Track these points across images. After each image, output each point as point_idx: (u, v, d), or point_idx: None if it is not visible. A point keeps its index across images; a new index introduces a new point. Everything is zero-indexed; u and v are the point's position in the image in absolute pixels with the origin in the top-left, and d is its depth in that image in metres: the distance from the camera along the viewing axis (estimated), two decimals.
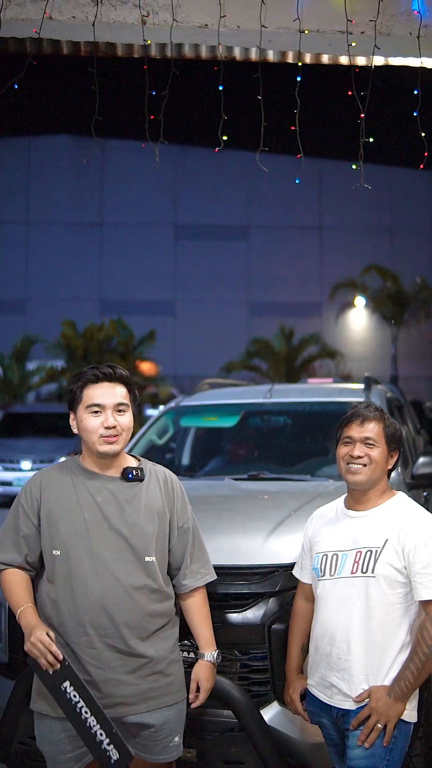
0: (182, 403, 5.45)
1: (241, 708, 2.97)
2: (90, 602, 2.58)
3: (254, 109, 3.86)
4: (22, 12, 3.66)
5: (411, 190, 26.28)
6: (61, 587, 2.61)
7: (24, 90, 3.92)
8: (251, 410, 5.42)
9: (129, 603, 2.60)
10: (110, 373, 2.69)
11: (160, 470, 2.83)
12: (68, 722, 2.54)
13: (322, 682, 2.69)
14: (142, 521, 2.66)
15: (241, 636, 3.10)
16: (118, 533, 2.62)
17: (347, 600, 2.63)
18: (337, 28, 3.70)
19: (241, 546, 3.31)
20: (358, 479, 2.68)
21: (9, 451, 14.78)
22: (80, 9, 3.70)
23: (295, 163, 4.02)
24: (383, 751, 2.53)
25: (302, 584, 2.91)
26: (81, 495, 2.65)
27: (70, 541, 2.61)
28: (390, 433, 2.73)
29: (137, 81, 3.88)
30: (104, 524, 2.62)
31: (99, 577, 2.59)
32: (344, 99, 3.96)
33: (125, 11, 3.69)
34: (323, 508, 2.92)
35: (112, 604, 2.58)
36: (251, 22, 3.65)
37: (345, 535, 2.71)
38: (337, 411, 5.16)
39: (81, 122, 10.73)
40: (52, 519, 2.64)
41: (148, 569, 2.66)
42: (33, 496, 2.69)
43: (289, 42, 3.76)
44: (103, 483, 2.67)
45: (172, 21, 3.65)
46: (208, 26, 3.71)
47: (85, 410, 2.66)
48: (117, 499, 2.65)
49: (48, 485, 2.70)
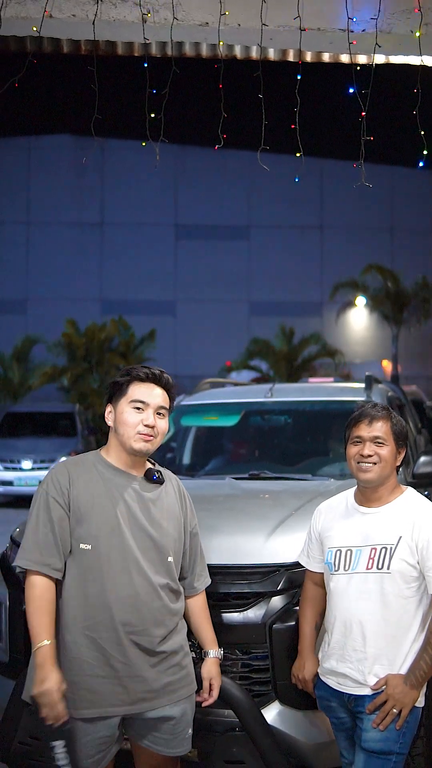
0: (183, 403, 5.44)
1: (243, 708, 2.97)
2: (121, 599, 2.57)
3: (255, 108, 3.85)
4: (23, 10, 3.65)
5: (412, 189, 26.27)
6: (91, 583, 2.57)
7: (24, 89, 3.92)
8: (252, 409, 5.41)
9: (157, 601, 2.63)
10: (159, 375, 2.73)
11: (171, 475, 2.87)
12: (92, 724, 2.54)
13: (332, 672, 2.77)
14: (166, 522, 2.69)
15: (242, 635, 3.09)
16: (145, 532, 2.63)
17: (363, 594, 2.70)
18: (338, 27, 3.69)
19: (243, 545, 3.30)
20: (369, 477, 2.74)
21: (10, 451, 14.79)
22: (80, 7, 3.69)
23: (296, 162, 4.01)
24: (397, 735, 2.63)
25: (309, 572, 2.98)
26: (110, 490, 2.64)
27: (102, 537, 2.58)
28: (397, 431, 2.80)
29: (137, 80, 3.87)
30: (134, 522, 2.62)
31: (131, 574, 2.59)
32: (344, 97, 3.95)
33: (125, 9, 3.68)
34: (331, 501, 2.97)
35: (142, 601, 2.59)
36: (252, 20, 3.65)
37: (357, 530, 2.77)
38: (339, 410, 5.18)
39: (81, 122, 10.72)
40: (83, 512, 2.59)
41: (169, 568, 2.69)
42: (62, 486, 2.60)
43: (290, 40, 3.75)
44: (128, 481, 2.67)
45: (172, 19, 3.64)
46: (209, 24, 3.70)
47: (128, 404, 2.66)
48: (142, 498, 2.66)
49: (76, 477, 2.64)
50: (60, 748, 2.44)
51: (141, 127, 3.76)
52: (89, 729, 2.56)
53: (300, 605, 3.01)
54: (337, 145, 17.60)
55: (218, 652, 2.90)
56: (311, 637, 2.94)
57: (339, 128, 10.53)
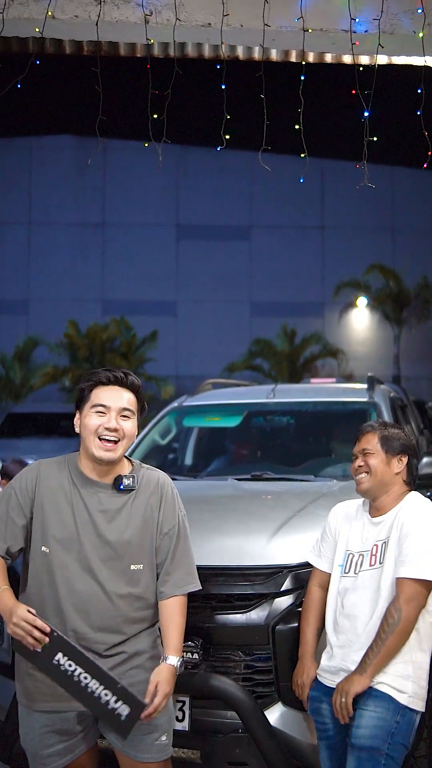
0: (185, 403, 5.43)
1: (246, 709, 2.97)
2: (73, 605, 2.58)
3: (256, 109, 3.84)
4: (25, 11, 3.64)
5: (414, 189, 26.23)
6: (48, 586, 2.60)
7: (26, 90, 3.91)
8: (254, 410, 5.41)
9: (111, 610, 2.61)
10: (122, 378, 2.68)
11: (153, 475, 2.77)
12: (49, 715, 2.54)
13: (331, 670, 2.79)
14: (130, 531, 2.65)
15: (245, 637, 3.09)
16: (106, 542, 2.62)
17: (366, 592, 2.77)
18: (341, 27, 3.69)
19: (245, 546, 3.29)
20: (362, 488, 2.88)
21: (12, 451, 14.75)
22: (83, 8, 3.68)
23: (297, 162, 4.01)
24: (386, 733, 2.62)
25: (317, 572, 3.00)
26: (74, 498, 2.64)
27: (60, 542, 2.60)
28: (385, 437, 2.90)
29: (140, 80, 3.87)
30: (92, 530, 2.61)
31: (84, 583, 2.59)
32: (346, 98, 3.95)
33: (128, 10, 3.68)
34: (347, 505, 3.03)
35: (94, 608, 2.59)
36: (254, 20, 3.64)
37: (368, 537, 2.86)
38: (341, 411, 5.18)
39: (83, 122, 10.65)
40: (45, 515, 2.62)
41: (133, 577, 2.65)
42: (28, 487, 2.64)
43: (293, 41, 3.74)
44: (95, 490, 2.65)
45: (175, 20, 3.64)
46: (211, 25, 3.69)
47: (91, 409, 2.65)
48: (105, 509, 2.64)
49: (44, 478, 2.66)
50: (63, 659, 2.41)
51: (143, 127, 3.76)
52: (46, 720, 2.60)
53: (304, 609, 3.00)
54: (338, 145, 17.56)
55: (177, 660, 2.63)
56: (313, 643, 2.95)
57: (340, 128, 10.52)
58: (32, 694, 2.61)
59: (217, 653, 3.10)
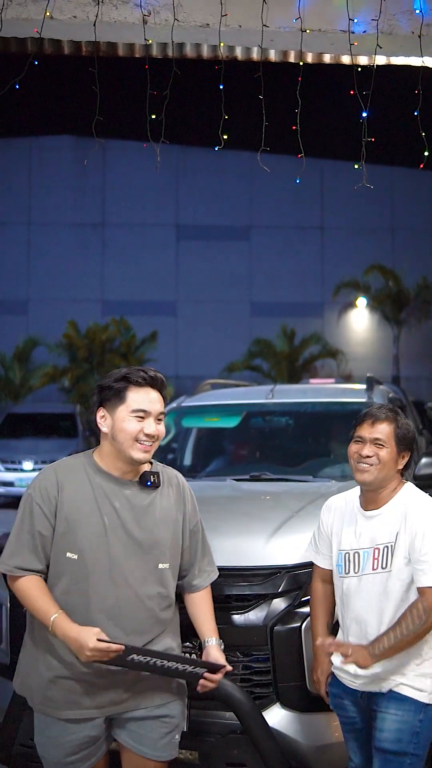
0: (184, 404, 5.43)
1: (244, 710, 2.95)
2: (104, 609, 2.53)
3: (255, 109, 3.84)
4: (23, 12, 3.64)
5: (412, 189, 26.25)
6: (75, 592, 2.53)
7: (25, 90, 3.91)
8: (253, 411, 5.41)
9: (142, 611, 2.58)
10: (155, 378, 2.64)
11: (171, 473, 2.79)
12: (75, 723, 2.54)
13: (346, 670, 2.75)
14: (158, 529, 2.63)
15: (243, 637, 3.09)
16: (135, 541, 2.58)
17: (372, 595, 2.70)
18: (339, 28, 3.69)
19: (244, 547, 3.29)
20: (365, 478, 2.74)
21: (11, 452, 14.80)
22: (81, 8, 3.68)
23: (296, 162, 4.01)
24: (410, 735, 2.61)
25: (318, 568, 2.95)
26: (99, 498, 2.57)
27: (88, 546, 2.53)
28: (401, 435, 2.77)
29: (138, 81, 3.87)
30: (122, 530, 2.56)
31: (115, 584, 2.54)
32: (345, 98, 3.95)
33: (126, 11, 3.67)
34: (338, 500, 2.94)
35: (125, 613, 2.55)
36: (253, 21, 3.64)
37: (364, 534, 2.77)
38: (340, 412, 5.17)
39: (83, 123, 10.60)
40: (71, 521, 2.54)
41: (161, 577, 2.63)
42: (50, 495, 2.55)
43: (291, 41, 3.74)
44: (120, 487, 2.60)
45: (173, 20, 3.63)
46: (210, 25, 3.69)
47: (130, 413, 2.58)
48: (133, 506, 2.59)
49: (65, 484, 2.57)
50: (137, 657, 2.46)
51: (142, 128, 3.76)
52: (72, 729, 2.55)
53: (311, 606, 2.98)
54: (337, 145, 17.57)
55: (219, 640, 2.76)
56: (324, 636, 2.89)
57: (339, 129, 10.52)
58: (57, 702, 2.54)
59: None
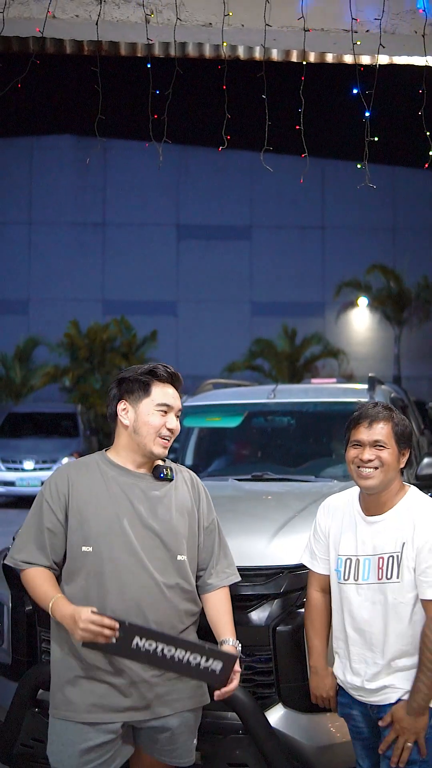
0: (186, 404, 5.42)
1: (246, 710, 2.94)
2: (124, 600, 2.52)
3: (257, 109, 3.84)
4: (26, 11, 3.63)
5: (414, 189, 26.25)
6: (92, 585, 2.53)
7: (26, 89, 3.90)
8: (255, 411, 5.40)
9: (163, 602, 2.57)
10: (175, 375, 2.70)
11: (184, 470, 2.82)
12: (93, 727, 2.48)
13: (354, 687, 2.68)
14: (174, 520, 2.63)
15: (245, 638, 3.05)
16: (152, 531, 2.58)
17: (376, 606, 2.61)
18: (342, 27, 3.68)
19: (246, 547, 3.27)
20: (370, 484, 2.59)
21: (12, 451, 14.81)
22: (84, 8, 3.67)
23: (298, 162, 4.00)
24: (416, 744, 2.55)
25: (315, 575, 2.83)
26: (113, 491, 2.59)
27: (103, 538, 2.53)
28: (400, 432, 2.64)
29: (140, 80, 3.87)
30: (138, 522, 2.57)
31: (134, 574, 2.54)
32: (346, 98, 3.94)
33: (129, 10, 3.67)
34: (336, 500, 2.83)
35: (146, 602, 2.54)
36: (255, 20, 3.63)
37: (365, 540, 2.65)
38: (342, 411, 5.16)
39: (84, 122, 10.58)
40: (84, 514, 2.55)
41: (180, 568, 2.63)
42: (60, 492, 2.58)
43: (294, 41, 3.73)
44: (135, 480, 2.62)
45: (176, 20, 3.63)
46: (212, 25, 3.68)
47: (155, 407, 2.62)
48: (148, 497, 2.61)
49: (77, 480, 2.60)
50: (141, 641, 2.39)
51: (143, 127, 3.75)
52: (90, 734, 2.50)
53: (307, 617, 2.88)
54: (338, 145, 17.57)
55: (236, 642, 2.69)
56: (324, 652, 2.82)
57: (340, 128, 10.51)
58: (76, 705, 2.50)
59: None
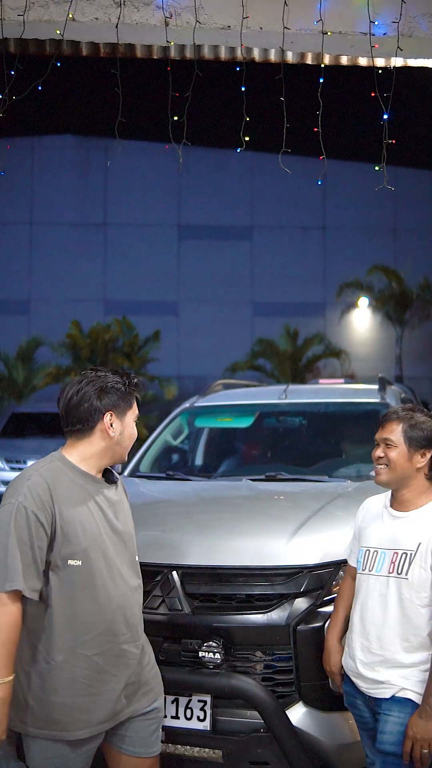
0: (197, 404, 5.44)
1: (267, 709, 2.98)
2: (111, 610, 2.54)
3: (261, 110, 3.85)
4: (45, 14, 3.65)
5: (416, 189, 26.24)
6: (81, 599, 2.47)
7: (34, 91, 3.91)
8: (266, 411, 5.41)
9: (135, 604, 2.64)
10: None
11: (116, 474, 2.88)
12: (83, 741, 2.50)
13: (352, 672, 2.77)
14: (130, 521, 2.72)
15: (265, 637, 3.10)
16: (119, 536, 2.62)
17: (382, 598, 2.70)
18: (360, 30, 3.69)
19: (265, 547, 3.30)
20: (380, 480, 2.77)
21: (15, 451, 14.80)
22: (103, 11, 3.68)
23: (300, 162, 4.01)
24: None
25: (350, 567, 2.98)
26: (87, 499, 2.54)
27: (90, 549, 2.49)
28: (412, 434, 2.73)
29: (153, 82, 3.88)
30: (110, 528, 2.59)
31: (116, 583, 2.56)
32: (355, 99, 3.96)
33: (148, 13, 3.68)
34: (373, 500, 2.97)
35: (126, 607, 2.59)
36: (274, 23, 3.65)
37: (387, 533, 2.77)
38: (353, 412, 5.19)
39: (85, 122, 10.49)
40: (67, 527, 2.45)
41: (137, 569, 2.71)
42: (45, 503, 2.42)
43: (312, 44, 3.75)
44: (98, 486, 2.61)
45: (195, 22, 3.64)
46: (231, 27, 3.70)
47: (134, 418, 2.69)
48: (112, 503, 2.63)
49: (56, 487, 2.47)
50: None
51: (147, 128, 3.77)
52: (82, 748, 2.51)
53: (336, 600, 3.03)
54: (339, 145, 17.59)
55: None
56: (338, 630, 2.95)
57: (341, 129, 10.53)
58: (65, 724, 2.47)
59: (238, 653, 3.11)
